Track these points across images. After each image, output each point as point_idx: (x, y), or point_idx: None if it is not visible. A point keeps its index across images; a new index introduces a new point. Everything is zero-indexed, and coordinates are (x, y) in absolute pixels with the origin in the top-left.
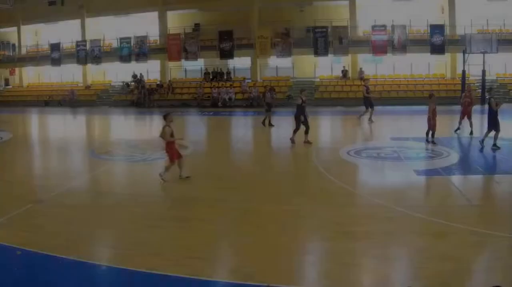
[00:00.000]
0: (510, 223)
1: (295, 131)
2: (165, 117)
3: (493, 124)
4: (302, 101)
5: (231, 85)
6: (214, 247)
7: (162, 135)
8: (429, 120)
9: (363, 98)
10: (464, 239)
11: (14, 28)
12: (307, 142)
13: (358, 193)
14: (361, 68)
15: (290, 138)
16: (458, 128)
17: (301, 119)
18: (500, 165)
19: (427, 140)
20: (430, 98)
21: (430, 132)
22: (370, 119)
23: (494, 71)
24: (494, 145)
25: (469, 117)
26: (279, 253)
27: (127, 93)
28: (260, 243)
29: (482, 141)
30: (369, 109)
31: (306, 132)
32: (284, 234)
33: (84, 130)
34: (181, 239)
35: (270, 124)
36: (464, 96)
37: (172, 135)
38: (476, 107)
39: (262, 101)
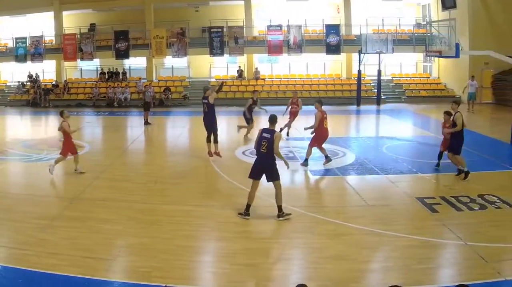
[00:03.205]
0: (405, 223)
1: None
2: (61, 113)
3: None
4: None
5: (126, 85)
6: (111, 247)
7: (60, 129)
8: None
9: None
10: (360, 239)
11: None
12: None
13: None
14: (256, 68)
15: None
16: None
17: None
18: (395, 165)
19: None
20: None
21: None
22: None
23: (390, 71)
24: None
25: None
26: (176, 253)
27: (22, 93)
28: (157, 243)
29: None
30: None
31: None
32: (181, 234)
33: None
34: (77, 239)
35: (147, 123)
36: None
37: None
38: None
39: (142, 100)
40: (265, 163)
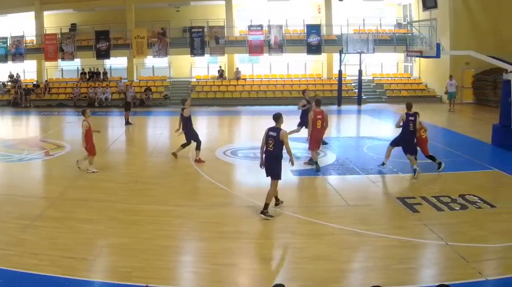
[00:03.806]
0: (386, 223)
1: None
2: (83, 113)
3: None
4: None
5: (107, 85)
6: (92, 247)
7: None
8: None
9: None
10: (341, 239)
11: None
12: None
13: (235, 193)
14: (237, 68)
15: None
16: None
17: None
18: (376, 165)
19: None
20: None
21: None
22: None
23: (371, 71)
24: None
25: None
26: (156, 253)
27: (3, 93)
28: (138, 243)
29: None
30: None
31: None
32: (162, 234)
33: None
34: (58, 239)
35: (128, 123)
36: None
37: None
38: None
39: (123, 100)
40: (270, 162)
